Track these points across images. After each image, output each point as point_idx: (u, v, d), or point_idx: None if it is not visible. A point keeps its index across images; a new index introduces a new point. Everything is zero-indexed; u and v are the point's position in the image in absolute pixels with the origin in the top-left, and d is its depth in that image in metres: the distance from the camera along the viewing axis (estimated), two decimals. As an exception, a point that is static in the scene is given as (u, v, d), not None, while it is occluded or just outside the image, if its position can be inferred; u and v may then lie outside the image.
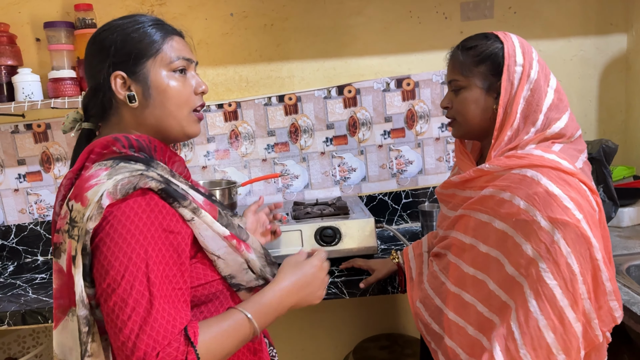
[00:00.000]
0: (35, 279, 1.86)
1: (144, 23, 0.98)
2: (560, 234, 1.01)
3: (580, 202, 1.04)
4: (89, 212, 0.83)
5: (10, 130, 2.06)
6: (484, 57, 1.17)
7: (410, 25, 2.09)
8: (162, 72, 0.97)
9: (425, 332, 1.27)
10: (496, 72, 1.16)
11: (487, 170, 1.14)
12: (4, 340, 1.97)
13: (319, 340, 2.28)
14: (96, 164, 0.90)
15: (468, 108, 1.19)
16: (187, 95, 1.00)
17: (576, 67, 2.16)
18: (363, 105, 2.12)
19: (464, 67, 1.18)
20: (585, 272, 1.02)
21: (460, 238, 1.21)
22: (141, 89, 0.97)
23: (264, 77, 2.10)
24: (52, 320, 1.53)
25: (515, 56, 1.15)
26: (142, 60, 0.96)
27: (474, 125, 1.20)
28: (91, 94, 1.00)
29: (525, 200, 1.04)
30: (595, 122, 2.21)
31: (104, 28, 0.99)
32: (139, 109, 0.97)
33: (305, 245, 1.65)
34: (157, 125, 0.99)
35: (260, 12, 2.05)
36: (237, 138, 2.12)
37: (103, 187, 0.84)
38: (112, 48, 0.96)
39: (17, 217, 2.12)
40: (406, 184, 2.18)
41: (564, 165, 1.07)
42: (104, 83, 0.96)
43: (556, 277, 1.01)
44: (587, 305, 1.03)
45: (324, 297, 1.08)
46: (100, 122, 1.02)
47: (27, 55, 2.00)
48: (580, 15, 2.12)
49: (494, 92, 1.16)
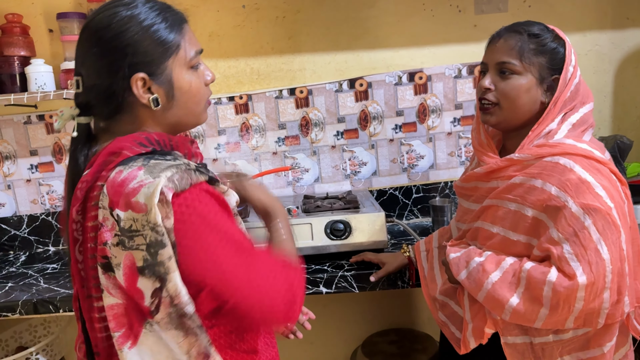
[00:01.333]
0: (46, 268, 1.87)
1: (155, 15, 0.90)
2: (591, 220, 1.01)
3: (612, 191, 1.04)
4: (157, 214, 0.80)
5: (23, 120, 2.07)
6: (546, 49, 1.15)
7: (423, 18, 2.07)
8: (182, 71, 0.93)
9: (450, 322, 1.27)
10: (553, 67, 1.15)
11: (516, 160, 1.14)
12: (16, 329, 1.98)
13: (328, 334, 2.28)
14: (121, 165, 0.84)
15: (520, 96, 1.15)
16: (203, 89, 0.98)
17: (591, 61, 2.13)
18: (374, 98, 2.11)
19: (524, 53, 1.14)
20: (615, 262, 1.01)
21: (487, 228, 1.20)
22: (164, 91, 0.92)
23: (276, 69, 2.09)
24: (64, 310, 1.55)
25: (571, 57, 1.16)
26: (164, 59, 0.91)
27: (519, 115, 1.17)
28: (100, 93, 0.91)
29: (557, 187, 1.05)
30: (610, 118, 2.18)
31: (111, 21, 0.88)
32: (160, 111, 0.92)
33: (315, 239, 1.65)
34: (176, 123, 0.96)
35: (272, 4, 2.04)
36: (248, 131, 2.12)
37: (154, 186, 0.80)
38: (129, 47, 0.88)
39: (29, 208, 2.13)
40: (417, 178, 2.17)
41: (596, 154, 1.08)
42: (122, 85, 0.89)
43: (580, 259, 1.01)
44: (605, 296, 1.02)
45: (333, 291, 1.09)
46: (105, 119, 0.95)
47: (40, 46, 2.00)
48: (595, 9, 2.09)
49: (545, 84, 1.16)
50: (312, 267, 1.61)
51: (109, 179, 0.83)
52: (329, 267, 1.60)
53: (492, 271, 1.11)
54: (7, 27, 1.89)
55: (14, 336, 1.98)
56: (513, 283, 1.08)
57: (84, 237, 0.87)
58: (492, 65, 1.19)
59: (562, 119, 1.14)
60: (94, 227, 0.85)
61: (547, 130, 1.14)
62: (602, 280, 1.01)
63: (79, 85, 0.92)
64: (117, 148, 0.87)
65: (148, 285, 0.82)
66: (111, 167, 0.85)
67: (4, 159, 2.10)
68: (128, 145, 0.87)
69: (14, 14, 1.89)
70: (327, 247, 1.65)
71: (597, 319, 1.05)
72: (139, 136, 0.89)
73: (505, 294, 1.08)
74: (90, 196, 0.85)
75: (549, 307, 1.04)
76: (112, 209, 0.82)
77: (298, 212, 1.76)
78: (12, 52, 1.87)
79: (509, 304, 1.07)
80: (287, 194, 2.16)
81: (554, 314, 1.04)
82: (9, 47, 1.88)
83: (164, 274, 0.82)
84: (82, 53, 0.92)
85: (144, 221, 0.80)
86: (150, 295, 0.83)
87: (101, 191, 0.84)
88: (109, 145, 0.88)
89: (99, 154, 0.88)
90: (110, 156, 0.86)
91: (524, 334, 1.14)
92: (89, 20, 0.92)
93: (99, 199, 0.84)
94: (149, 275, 0.82)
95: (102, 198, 0.83)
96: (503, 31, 1.20)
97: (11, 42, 1.88)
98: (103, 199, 0.83)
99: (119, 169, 0.84)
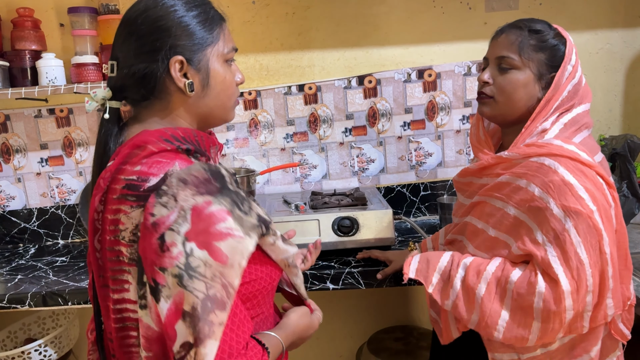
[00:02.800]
0: (55, 261, 1.89)
1: (198, 4, 0.93)
2: (572, 223, 1.01)
3: (595, 194, 1.04)
4: (236, 275, 0.80)
5: (34, 114, 2.09)
6: (546, 46, 1.15)
7: (433, 15, 2.06)
8: (219, 62, 0.94)
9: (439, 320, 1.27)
10: (551, 64, 1.15)
11: (505, 158, 1.14)
12: (25, 321, 2.00)
13: (334, 330, 2.28)
14: (175, 179, 0.81)
15: (517, 90, 1.16)
16: (235, 86, 0.98)
17: (602, 60, 2.11)
18: (383, 95, 2.10)
19: (524, 48, 1.15)
20: (594, 265, 1.02)
21: (474, 223, 1.22)
22: (200, 78, 0.92)
23: (285, 66, 2.09)
24: (72, 303, 1.56)
25: (571, 56, 1.15)
26: (204, 46, 0.91)
27: (515, 110, 1.18)
28: (135, 75, 0.90)
29: (540, 188, 1.05)
30: (620, 117, 2.16)
31: (155, 4, 0.90)
32: (194, 98, 0.93)
33: (323, 235, 1.65)
34: (207, 114, 0.96)
35: (282, 1, 2.04)
36: (257, 127, 2.12)
37: (244, 245, 0.80)
38: (172, 29, 0.89)
39: (39, 201, 2.15)
40: (425, 176, 2.17)
41: (582, 156, 1.07)
42: (160, 66, 0.89)
43: (562, 263, 1.01)
44: (588, 299, 1.03)
45: (340, 287, 1.09)
46: (137, 104, 0.94)
47: (51, 41, 2.01)
48: (607, 7, 2.07)
49: (543, 81, 1.16)
50: (319, 264, 1.62)
51: (196, 205, 0.78)
52: (335, 264, 1.61)
53: (476, 285, 1.11)
54: (19, 21, 1.90)
55: (22, 328, 2.00)
56: (500, 295, 1.08)
57: (103, 227, 0.86)
58: (492, 59, 1.20)
59: (557, 118, 1.14)
60: (114, 220, 0.83)
61: (541, 129, 1.14)
62: (584, 284, 1.01)
63: (114, 69, 0.92)
64: (141, 142, 0.86)
65: (182, 333, 0.77)
66: (135, 160, 0.84)
67: (15, 152, 2.12)
68: (153, 140, 0.86)
69: (25, 8, 1.91)
70: (334, 244, 1.65)
71: (581, 323, 1.05)
72: (165, 132, 0.88)
73: (496, 308, 1.08)
74: (112, 187, 0.84)
75: (540, 320, 1.04)
76: (187, 238, 0.77)
77: (306, 208, 1.76)
78: (24, 46, 1.89)
79: (500, 320, 1.07)
80: (294, 190, 2.16)
81: (547, 326, 1.04)
82: (20, 41, 1.89)
83: (204, 336, 0.77)
84: (122, 35, 0.92)
85: (217, 272, 0.77)
86: (179, 344, 0.77)
87: (165, 201, 0.79)
88: (135, 137, 0.87)
89: (124, 145, 0.88)
90: (135, 149, 0.86)
91: (512, 351, 1.13)
92: (133, 5, 0.93)
93: (120, 192, 0.83)
94: (189, 326, 0.77)
95: (179, 221, 0.78)
96: (506, 27, 1.20)
97: (22, 36, 1.89)
98: (179, 224, 0.77)
99: (207, 199, 0.79)
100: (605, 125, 2.16)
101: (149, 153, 0.84)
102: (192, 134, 0.91)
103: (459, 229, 1.30)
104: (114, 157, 0.88)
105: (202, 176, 0.81)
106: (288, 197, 1.96)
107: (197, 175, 0.81)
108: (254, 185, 1.87)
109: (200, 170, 0.82)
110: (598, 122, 2.14)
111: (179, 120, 0.94)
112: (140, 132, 0.88)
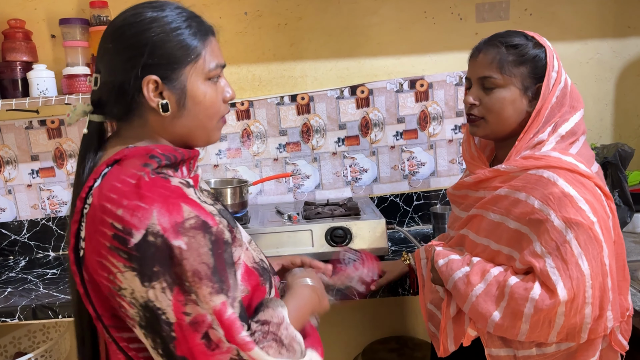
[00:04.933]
0: (46, 274, 1.87)
1: (182, 20, 0.89)
2: (573, 234, 1.01)
3: (595, 205, 1.04)
4: None
5: (25, 125, 2.07)
6: (527, 58, 1.14)
7: (425, 25, 2.07)
8: (199, 81, 0.90)
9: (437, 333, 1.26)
10: (535, 76, 1.14)
11: (503, 171, 1.14)
12: (15, 334, 1.98)
13: (328, 341, 2.26)
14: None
15: (505, 108, 1.15)
16: (219, 104, 0.94)
17: (592, 69, 2.13)
18: (376, 105, 2.11)
19: (504, 66, 1.14)
20: (595, 277, 1.01)
21: (472, 238, 1.21)
22: (175, 98, 0.89)
23: (277, 76, 2.10)
24: (63, 316, 1.54)
25: (553, 62, 1.14)
26: (180, 66, 0.88)
27: (506, 127, 1.17)
28: (112, 91, 0.88)
29: (540, 200, 1.04)
30: (611, 126, 2.18)
31: (135, 20, 0.87)
32: (169, 118, 0.89)
33: (316, 246, 1.64)
34: (185, 135, 0.93)
35: (274, 11, 2.05)
36: (249, 137, 2.12)
37: None
38: (146, 47, 0.86)
39: (29, 213, 2.13)
40: (418, 185, 2.17)
41: (581, 167, 1.07)
42: (133, 85, 0.86)
43: (562, 274, 1.01)
44: (587, 311, 1.02)
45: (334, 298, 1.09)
46: (117, 120, 0.92)
47: (42, 52, 2.01)
48: (597, 17, 2.09)
49: (529, 93, 1.15)
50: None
51: (215, 307, 0.81)
52: (329, 274, 1.60)
53: (477, 283, 1.11)
54: (10, 32, 1.89)
55: (12, 342, 1.97)
56: (496, 296, 1.09)
57: (91, 264, 0.83)
58: (474, 80, 1.20)
59: (553, 129, 1.13)
60: (107, 269, 0.81)
61: (537, 140, 1.14)
62: (582, 295, 1.01)
63: (97, 82, 0.90)
64: (127, 163, 0.85)
65: None
66: (115, 193, 0.80)
67: (5, 163, 2.10)
68: (137, 162, 0.84)
69: (16, 20, 1.90)
70: (327, 254, 1.65)
71: (579, 334, 1.05)
72: (144, 154, 0.85)
73: (489, 307, 1.08)
74: (99, 229, 0.81)
75: (529, 323, 1.04)
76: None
77: (298, 218, 1.75)
78: (15, 57, 1.88)
79: (491, 318, 1.08)
80: (287, 201, 2.15)
81: (535, 330, 1.05)
82: (11, 52, 1.88)
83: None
84: (103, 49, 0.90)
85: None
86: None
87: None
88: (112, 155, 0.86)
89: (102, 163, 0.86)
90: (112, 169, 0.84)
91: (508, 347, 1.14)
92: (115, 18, 0.91)
93: (111, 243, 0.80)
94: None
95: (216, 322, 0.82)
96: (482, 45, 1.19)
97: (13, 48, 1.88)
98: (216, 325, 0.81)
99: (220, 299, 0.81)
100: (596, 134, 2.17)
101: (125, 182, 0.81)
102: (172, 151, 0.89)
103: (456, 241, 1.29)
104: (93, 175, 0.85)
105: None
106: (281, 208, 1.95)
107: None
108: (247, 195, 1.86)
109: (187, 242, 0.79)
110: (589, 131, 2.15)
111: (158, 139, 0.92)
112: (119, 151, 0.87)
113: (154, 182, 0.81)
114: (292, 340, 0.86)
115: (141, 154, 0.86)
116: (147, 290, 0.77)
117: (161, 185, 0.81)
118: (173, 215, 0.78)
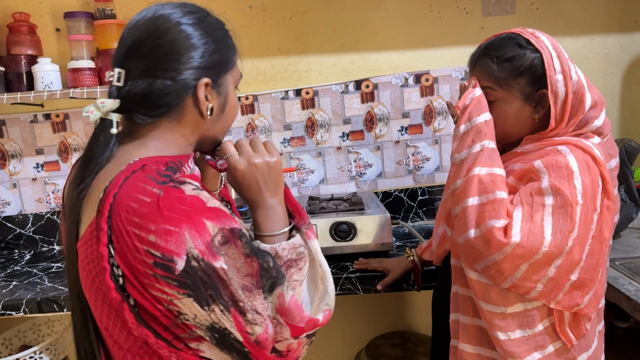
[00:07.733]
0: (51, 267, 1.87)
1: (226, 29, 0.90)
2: (553, 202, 1.00)
3: (588, 192, 1.02)
4: None
5: (29, 119, 2.08)
6: (523, 70, 1.10)
7: (430, 20, 2.06)
8: (232, 87, 0.91)
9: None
10: (535, 82, 1.10)
11: (520, 152, 1.14)
12: (20, 327, 1.98)
13: (331, 336, 2.27)
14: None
15: (508, 120, 1.13)
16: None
17: (599, 65, 2.12)
18: (380, 100, 2.10)
19: (501, 80, 1.12)
20: (557, 246, 1.00)
21: None
22: (218, 102, 0.88)
23: (282, 70, 2.09)
24: (67, 309, 1.55)
25: (553, 64, 1.10)
26: (227, 70, 0.89)
27: (512, 136, 1.16)
28: (154, 91, 0.82)
29: (542, 162, 1.04)
30: (618, 122, 2.17)
31: (195, 20, 0.85)
32: (208, 122, 0.88)
33: (320, 241, 1.64)
34: (209, 138, 0.92)
35: (279, 5, 2.04)
36: (254, 131, 2.12)
37: None
38: (206, 48, 0.84)
39: (34, 206, 2.14)
40: (422, 180, 2.16)
41: (596, 153, 1.06)
42: (187, 84, 0.83)
43: (523, 224, 1.00)
44: (550, 273, 1.02)
45: (337, 293, 1.08)
46: (145, 120, 0.85)
47: (47, 45, 2.01)
48: (604, 12, 2.08)
49: (532, 101, 1.12)
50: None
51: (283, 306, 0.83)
52: (333, 269, 1.60)
53: (474, 195, 1.07)
54: (15, 25, 1.89)
55: (17, 335, 1.98)
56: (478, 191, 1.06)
57: (136, 287, 0.79)
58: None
59: (572, 126, 1.12)
60: (161, 299, 0.78)
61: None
62: (534, 250, 0.99)
63: (121, 78, 0.83)
64: (149, 172, 0.78)
65: None
66: (144, 216, 0.74)
67: (10, 157, 2.10)
68: (156, 170, 0.79)
69: (21, 13, 1.90)
70: (332, 249, 1.65)
71: (557, 293, 1.04)
72: (159, 164, 0.80)
73: (472, 222, 1.05)
74: (137, 256, 0.76)
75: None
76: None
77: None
78: (19, 51, 1.88)
79: (467, 232, 1.05)
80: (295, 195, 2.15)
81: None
82: (16, 46, 1.88)
83: None
84: (141, 44, 0.83)
85: None
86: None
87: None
88: (129, 166, 0.79)
89: (120, 173, 0.78)
90: (132, 173, 0.78)
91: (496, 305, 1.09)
92: (160, 13, 0.84)
93: (155, 272, 0.76)
94: None
95: (277, 330, 0.84)
96: (476, 56, 1.17)
97: (18, 41, 1.88)
98: (280, 331, 0.84)
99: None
100: (611, 128, 2.16)
101: (141, 202, 0.75)
102: (177, 162, 0.84)
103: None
104: (115, 181, 0.77)
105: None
106: (285, 202, 1.95)
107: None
108: (251, 190, 1.86)
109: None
110: (595, 126, 2.14)
111: (174, 142, 0.87)
112: (139, 160, 0.80)
113: (169, 195, 0.75)
114: (290, 260, 0.87)
115: (152, 162, 0.80)
116: (209, 314, 0.77)
117: (178, 199, 0.75)
118: (203, 235, 0.75)
